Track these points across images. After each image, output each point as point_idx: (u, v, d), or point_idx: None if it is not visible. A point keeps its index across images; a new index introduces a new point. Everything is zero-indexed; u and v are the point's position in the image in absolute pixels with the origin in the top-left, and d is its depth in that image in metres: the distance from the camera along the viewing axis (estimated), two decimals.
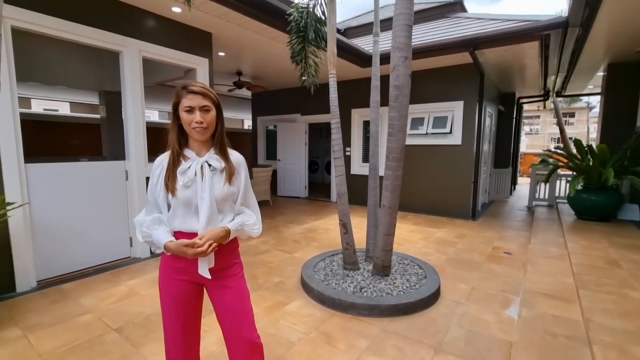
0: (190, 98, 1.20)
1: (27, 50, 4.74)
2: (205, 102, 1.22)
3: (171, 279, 1.31)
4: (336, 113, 3.01)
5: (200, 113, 1.21)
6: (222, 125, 1.31)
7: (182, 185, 1.23)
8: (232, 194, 1.31)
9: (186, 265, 1.27)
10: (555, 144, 36.45)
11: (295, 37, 3.50)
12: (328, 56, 2.97)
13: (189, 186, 1.23)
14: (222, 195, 1.27)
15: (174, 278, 1.30)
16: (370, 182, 3.42)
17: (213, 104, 1.25)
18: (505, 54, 5.20)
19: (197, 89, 1.21)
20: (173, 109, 1.24)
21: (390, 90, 2.66)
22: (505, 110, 8.52)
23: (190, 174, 1.24)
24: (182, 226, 1.26)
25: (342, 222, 3.13)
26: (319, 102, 7.80)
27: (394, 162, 2.73)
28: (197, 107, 1.20)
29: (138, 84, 3.63)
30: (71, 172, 3.23)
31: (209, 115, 1.23)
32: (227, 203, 1.31)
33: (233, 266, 1.36)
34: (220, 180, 1.28)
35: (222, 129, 1.31)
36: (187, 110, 1.20)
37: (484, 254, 4.00)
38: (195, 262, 1.26)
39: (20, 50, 4.80)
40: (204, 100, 1.22)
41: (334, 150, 3.04)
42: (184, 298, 1.31)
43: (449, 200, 6.12)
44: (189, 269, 1.28)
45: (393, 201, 2.80)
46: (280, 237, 4.71)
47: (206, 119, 1.22)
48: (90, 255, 3.41)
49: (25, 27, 2.83)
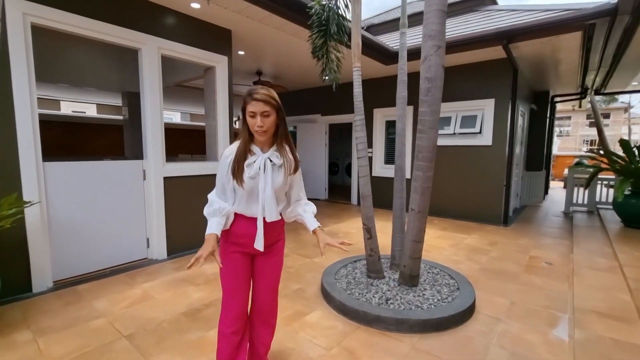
0: (253, 104, 1.38)
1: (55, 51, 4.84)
2: (266, 108, 1.39)
3: (230, 252, 1.56)
4: (360, 109, 2.80)
5: (261, 118, 1.39)
6: (284, 126, 1.50)
7: (248, 177, 1.44)
8: (285, 187, 1.55)
9: (242, 241, 1.54)
10: (588, 147, 34.58)
11: (316, 31, 3.32)
12: (352, 48, 2.77)
13: (253, 178, 1.45)
14: (278, 187, 1.50)
15: (232, 250, 1.55)
16: (396, 183, 3.18)
17: (273, 109, 1.42)
18: (542, 48, 4.82)
19: (259, 96, 1.38)
20: (242, 111, 1.45)
21: (420, 83, 2.42)
22: (537, 109, 8.01)
23: (256, 167, 1.45)
24: (246, 211, 1.51)
25: (365, 227, 2.91)
26: (340, 102, 7.62)
27: (424, 162, 2.48)
28: (258, 113, 1.38)
29: (157, 82, 3.56)
30: (88, 171, 3.18)
31: (269, 120, 1.41)
32: (282, 193, 1.57)
33: (279, 242, 1.66)
34: (279, 174, 1.50)
35: (283, 130, 1.50)
36: (250, 115, 1.40)
37: (520, 264, 3.66)
38: (249, 239, 1.51)
39: (48, 52, 4.93)
40: (265, 106, 1.39)
41: (358, 149, 2.83)
42: (240, 265, 1.57)
43: (478, 205, 5.75)
44: (243, 244, 1.54)
45: (423, 205, 2.56)
46: (300, 241, 4.53)
47: (265, 123, 1.40)
48: (107, 256, 3.35)
49: (45, 24, 2.79)
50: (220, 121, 4.24)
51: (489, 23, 4.86)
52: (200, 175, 4.04)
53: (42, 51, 4.86)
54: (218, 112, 4.22)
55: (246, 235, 1.51)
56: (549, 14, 4.22)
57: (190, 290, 2.93)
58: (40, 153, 2.83)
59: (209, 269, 3.40)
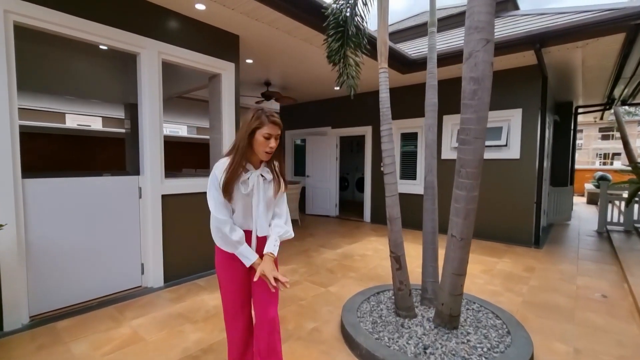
0: (271, 127, 1.44)
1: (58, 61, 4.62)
2: (279, 132, 1.48)
3: (229, 267, 1.56)
4: (387, 117, 2.41)
5: (274, 141, 1.46)
6: (281, 146, 1.54)
7: (243, 194, 1.48)
8: (273, 202, 1.59)
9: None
10: (602, 161, 33.68)
11: (333, 33, 2.97)
12: (379, 46, 2.40)
13: (247, 194, 1.49)
14: (269, 202, 1.57)
15: (231, 266, 1.55)
16: (426, 203, 2.75)
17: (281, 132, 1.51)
18: (574, 53, 4.43)
19: (278, 120, 1.47)
20: (251, 129, 1.44)
21: (463, 86, 2.02)
22: (560, 121, 7.57)
23: (250, 184, 1.49)
24: (242, 225, 1.54)
25: (393, 255, 2.47)
26: (352, 114, 7.27)
27: (468, 179, 2.06)
28: (274, 136, 1.45)
29: (156, 89, 3.22)
30: (76, 188, 2.81)
31: (277, 143, 1.48)
32: (271, 207, 1.60)
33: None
34: (269, 189, 1.56)
35: (279, 149, 1.54)
36: (266, 137, 1.44)
37: (569, 296, 3.15)
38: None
39: (51, 62, 4.70)
40: (279, 130, 1.48)
41: (385, 163, 2.41)
42: (239, 278, 1.58)
43: (506, 224, 5.25)
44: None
45: (466, 230, 2.12)
46: (312, 265, 4.08)
47: (275, 145, 1.47)
48: (95, 285, 2.94)
49: (30, 23, 2.48)
50: (226, 133, 3.88)
51: (516, 27, 4.50)
52: (203, 193, 3.63)
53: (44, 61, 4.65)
54: (223, 124, 3.87)
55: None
56: (586, 15, 3.84)
57: (187, 329, 2.49)
58: (19, 168, 2.46)
59: (210, 301, 2.97)
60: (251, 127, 1.43)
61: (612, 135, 31.84)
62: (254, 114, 1.44)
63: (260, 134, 1.43)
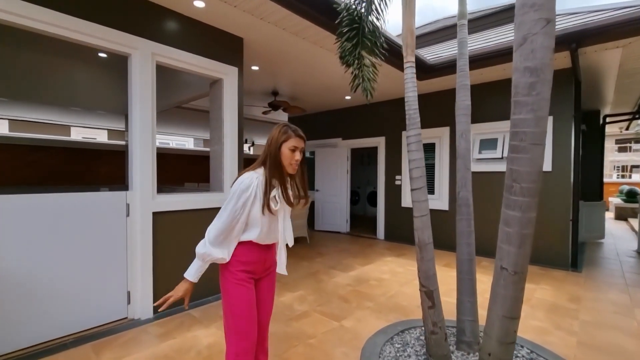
0: (297, 140, 1.50)
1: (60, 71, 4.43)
2: (303, 145, 1.54)
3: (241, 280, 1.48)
4: (415, 121, 1.99)
5: (299, 153, 1.52)
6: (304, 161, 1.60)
7: (274, 209, 1.49)
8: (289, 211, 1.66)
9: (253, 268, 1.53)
10: (620, 173, 32.53)
11: (347, 30, 2.62)
12: (404, 36, 2.01)
13: (277, 208, 1.51)
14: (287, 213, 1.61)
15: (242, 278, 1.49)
16: (460, 224, 2.30)
17: None
18: (613, 55, 3.99)
19: (302, 134, 1.54)
20: (278, 143, 1.49)
21: (515, 79, 1.61)
22: (588, 130, 7.05)
23: (278, 200, 1.51)
24: (265, 240, 1.53)
25: (425, 289, 2.01)
26: (363, 124, 6.90)
27: (523, 196, 1.62)
28: (299, 148, 1.52)
29: (149, 94, 2.89)
30: (52, 205, 2.44)
31: (302, 155, 1.54)
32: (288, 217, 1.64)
33: (273, 264, 1.66)
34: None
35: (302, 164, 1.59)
36: (292, 150, 1.49)
37: (632, 335, 2.62)
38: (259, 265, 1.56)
39: (53, 72, 4.48)
40: (303, 143, 1.54)
41: (413, 176, 1.99)
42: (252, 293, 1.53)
43: (538, 244, 4.71)
44: (252, 271, 1.53)
45: (522, 262, 1.66)
46: (322, 291, 3.61)
47: (299, 158, 1.52)
48: (71, 319, 2.53)
49: (6, 18, 2.18)
50: (227, 145, 3.51)
51: None
52: (202, 210, 3.25)
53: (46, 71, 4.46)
54: (225, 134, 3.51)
55: (257, 262, 1.55)
56: (630, 11, 3.42)
57: None
58: None
59: (204, 338, 2.53)
60: (279, 142, 1.47)
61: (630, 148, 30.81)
62: (280, 129, 1.50)
63: (287, 147, 1.48)
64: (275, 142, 1.47)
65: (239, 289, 1.47)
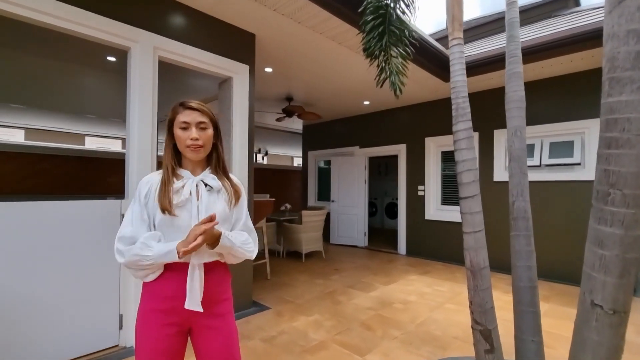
0: (186, 114, 1.14)
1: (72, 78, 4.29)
2: (202, 119, 1.15)
3: (153, 325, 1.09)
4: (465, 111, 1.59)
5: (196, 130, 1.14)
6: (222, 146, 1.24)
7: (174, 205, 1.11)
8: (229, 218, 1.20)
9: (170, 306, 1.09)
10: None
11: (371, 18, 2.27)
12: (449, 7, 1.62)
13: (182, 206, 1.12)
14: (220, 218, 1.12)
15: (158, 323, 1.09)
16: (516, 242, 1.85)
17: (211, 122, 1.18)
18: None
19: (194, 105, 1.16)
20: (168, 126, 1.17)
21: (609, 49, 1.20)
22: None
23: (185, 193, 1.13)
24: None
25: (480, 328, 1.57)
26: (382, 131, 6.52)
27: (626, 207, 1.18)
28: (193, 124, 1.14)
29: (150, 93, 2.59)
30: (38, 216, 2.13)
31: (206, 134, 1.16)
32: (223, 227, 1.16)
33: (223, 303, 1.19)
34: (219, 200, 1.18)
35: (220, 153, 1.24)
36: (182, 128, 1.14)
37: None
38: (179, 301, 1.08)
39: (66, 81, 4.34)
40: (201, 116, 1.15)
41: (463, 181, 1.58)
42: (167, 348, 1.10)
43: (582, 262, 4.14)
44: (170, 310, 1.09)
45: (623, 297, 1.22)
46: (340, 315, 3.17)
47: (202, 136, 1.15)
48: (53, 348, 2.18)
49: None
50: (237, 150, 3.19)
51: (582, 23, 3.64)
52: None
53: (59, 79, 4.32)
54: (234, 138, 3.19)
55: (175, 296, 1.09)
56: None
57: None
58: None
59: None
60: (167, 124, 1.17)
61: None
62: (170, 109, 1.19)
63: (177, 126, 1.14)
64: (168, 126, 1.17)
65: (141, 331, 1.11)
